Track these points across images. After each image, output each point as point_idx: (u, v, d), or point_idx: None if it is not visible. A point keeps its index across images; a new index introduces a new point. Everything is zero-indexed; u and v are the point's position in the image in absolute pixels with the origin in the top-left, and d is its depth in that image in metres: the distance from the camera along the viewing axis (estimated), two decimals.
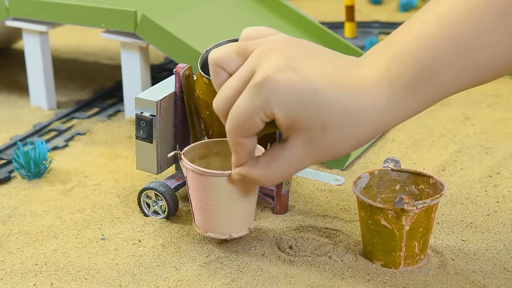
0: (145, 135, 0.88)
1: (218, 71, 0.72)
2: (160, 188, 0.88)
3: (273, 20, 1.25)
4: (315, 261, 0.81)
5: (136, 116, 0.88)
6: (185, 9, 1.18)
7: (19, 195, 0.96)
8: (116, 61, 1.46)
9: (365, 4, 1.82)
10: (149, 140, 0.88)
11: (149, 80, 1.17)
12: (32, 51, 1.20)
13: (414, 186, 0.82)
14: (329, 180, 0.86)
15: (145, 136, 0.88)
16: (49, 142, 1.11)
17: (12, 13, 1.17)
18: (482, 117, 1.15)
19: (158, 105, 0.87)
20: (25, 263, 0.82)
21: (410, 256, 0.78)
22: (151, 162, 0.89)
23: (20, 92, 1.31)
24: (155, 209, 0.90)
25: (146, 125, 0.87)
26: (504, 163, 1.01)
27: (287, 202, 0.90)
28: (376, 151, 1.06)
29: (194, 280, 0.78)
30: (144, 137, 0.88)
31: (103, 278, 0.79)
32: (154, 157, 0.89)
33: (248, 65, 0.69)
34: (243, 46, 0.71)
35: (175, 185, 0.90)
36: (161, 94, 0.88)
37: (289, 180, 0.89)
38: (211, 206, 0.82)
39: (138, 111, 0.88)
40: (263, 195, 0.89)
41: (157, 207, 0.89)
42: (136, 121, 0.88)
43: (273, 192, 0.89)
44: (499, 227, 0.86)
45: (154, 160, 0.89)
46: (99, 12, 1.10)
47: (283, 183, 0.88)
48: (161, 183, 0.89)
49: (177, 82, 0.88)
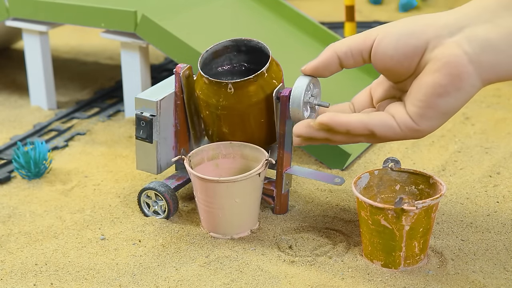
0: (145, 135, 0.88)
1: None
2: (160, 188, 0.88)
3: (273, 20, 1.25)
4: (315, 261, 0.81)
5: (136, 116, 0.88)
6: (185, 9, 1.18)
7: (19, 195, 0.96)
8: (116, 61, 1.46)
9: (365, 4, 1.82)
10: (149, 140, 0.88)
11: (149, 80, 1.17)
12: (32, 51, 1.20)
13: (414, 186, 0.82)
14: (329, 180, 0.85)
15: (145, 136, 0.88)
16: (49, 142, 1.11)
17: (12, 13, 1.17)
18: (482, 117, 1.15)
19: (158, 105, 0.87)
20: (25, 263, 0.82)
21: (410, 256, 0.78)
22: (151, 162, 0.89)
23: (20, 92, 1.31)
24: (155, 209, 0.90)
25: (146, 125, 0.87)
26: (504, 163, 1.01)
27: (287, 202, 0.90)
28: (376, 151, 1.06)
29: (194, 280, 0.78)
30: (144, 137, 0.88)
31: (103, 278, 0.79)
32: (154, 157, 0.88)
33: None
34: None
35: (175, 185, 0.90)
36: (161, 94, 0.88)
37: (289, 180, 0.89)
38: (213, 209, 0.83)
39: (138, 111, 0.88)
40: (263, 195, 0.89)
41: (157, 207, 0.89)
42: (136, 121, 0.88)
43: (273, 192, 0.89)
44: (499, 227, 0.86)
45: (154, 160, 0.89)
46: (99, 12, 1.10)
47: (284, 183, 0.88)
48: (161, 183, 0.89)
49: (177, 82, 0.88)
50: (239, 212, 0.84)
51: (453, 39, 0.68)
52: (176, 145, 0.91)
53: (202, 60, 0.86)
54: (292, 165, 0.88)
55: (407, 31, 0.70)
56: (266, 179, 0.90)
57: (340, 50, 0.74)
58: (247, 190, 0.83)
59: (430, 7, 1.78)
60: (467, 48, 0.68)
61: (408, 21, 0.72)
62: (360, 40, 0.73)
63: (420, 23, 0.71)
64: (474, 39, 0.68)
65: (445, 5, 1.79)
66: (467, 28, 0.68)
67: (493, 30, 0.68)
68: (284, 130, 0.85)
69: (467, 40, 0.68)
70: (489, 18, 0.68)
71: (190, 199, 0.93)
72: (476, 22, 0.68)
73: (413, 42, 0.70)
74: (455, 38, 0.68)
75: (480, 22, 0.68)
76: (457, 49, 0.68)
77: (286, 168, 0.87)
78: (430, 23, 0.70)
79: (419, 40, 0.70)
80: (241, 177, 0.82)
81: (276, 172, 0.88)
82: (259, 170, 0.83)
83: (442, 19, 0.70)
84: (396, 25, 0.72)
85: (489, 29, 0.68)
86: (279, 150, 0.86)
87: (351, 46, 0.74)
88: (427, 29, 0.70)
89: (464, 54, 0.68)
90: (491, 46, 0.68)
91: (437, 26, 0.70)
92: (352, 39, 0.74)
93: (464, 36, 0.68)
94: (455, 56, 0.68)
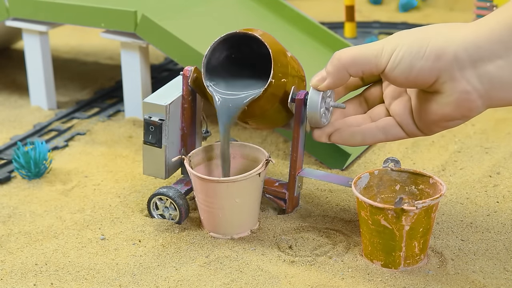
0: (154, 140, 0.86)
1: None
2: (179, 201, 0.86)
3: (273, 20, 1.25)
4: (315, 261, 0.81)
5: (145, 120, 0.86)
6: (185, 9, 1.18)
7: (19, 195, 0.96)
8: (116, 61, 1.46)
9: (365, 4, 1.82)
10: (158, 145, 0.86)
11: (149, 80, 1.16)
12: (32, 51, 1.20)
13: (414, 186, 0.82)
14: (343, 182, 0.85)
15: (154, 141, 0.86)
16: (49, 142, 1.11)
17: (12, 13, 1.17)
18: (482, 117, 1.15)
19: (167, 109, 0.86)
20: (25, 263, 0.82)
21: (410, 256, 0.78)
22: (159, 167, 0.88)
23: (20, 92, 1.31)
24: (163, 213, 0.89)
25: (155, 130, 0.86)
26: (504, 163, 1.01)
27: (298, 204, 0.90)
28: (376, 151, 1.06)
29: (194, 280, 0.78)
30: (154, 142, 0.86)
31: (103, 278, 0.79)
32: (163, 162, 0.87)
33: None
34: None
35: (184, 190, 0.88)
36: (169, 98, 0.86)
37: (301, 183, 0.88)
38: (213, 209, 0.83)
39: (147, 116, 0.86)
40: (275, 197, 0.89)
41: (166, 213, 0.88)
42: (145, 126, 0.86)
43: (285, 195, 0.88)
44: (499, 227, 0.86)
45: (162, 165, 0.87)
46: (99, 12, 1.10)
47: (296, 185, 0.88)
48: (179, 193, 0.87)
49: (184, 85, 0.87)
50: (239, 212, 0.84)
51: (464, 75, 0.68)
52: (183, 148, 0.90)
53: (204, 65, 0.83)
54: (304, 168, 0.88)
55: (418, 64, 0.70)
56: (277, 182, 0.89)
57: (351, 69, 0.74)
58: (247, 190, 0.83)
59: (430, 7, 1.78)
60: (477, 84, 0.68)
61: (418, 43, 0.70)
62: (372, 63, 0.73)
63: (430, 48, 0.69)
64: (485, 76, 0.67)
65: (445, 5, 1.79)
66: (478, 63, 0.67)
67: (506, 67, 0.66)
68: (298, 132, 0.84)
69: (478, 77, 0.67)
70: (503, 54, 0.66)
71: (190, 199, 0.93)
72: (488, 57, 0.67)
73: (423, 76, 0.70)
74: (465, 74, 0.68)
75: (493, 57, 0.67)
76: (468, 85, 0.68)
77: (299, 170, 0.87)
78: (440, 52, 0.68)
79: (430, 75, 0.69)
80: (241, 177, 0.82)
81: (289, 174, 0.87)
82: (259, 170, 0.83)
83: (452, 46, 0.68)
84: (406, 49, 0.70)
85: (502, 66, 0.67)
86: (292, 153, 0.86)
87: (364, 68, 0.73)
88: (438, 61, 0.69)
89: (474, 91, 0.68)
90: (502, 83, 0.67)
91: (448, 58, 0.68)
92: (363, 58, 0.73)
93: (475, 72, 0.67)
94: (466, 93, 0.68)
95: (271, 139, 1.10)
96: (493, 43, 0.66)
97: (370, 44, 0.73)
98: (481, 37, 0.67)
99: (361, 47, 0.74)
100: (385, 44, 0.72)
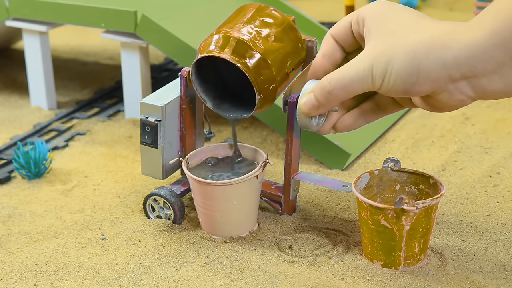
0: (150, 141, 0.87)
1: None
2: (171, 199, 0.87)
3: None
4: (315, 261, 0.81)
5: (141, 121, 0.87)
6: (185, 9, 1.18)
7: (19, 195, 0.96)
8: (116, 61, 1.46)
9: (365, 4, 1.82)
10: (154, 145, 0.87)
11: (149, 80, 1.16)
12: (32, 51, 1.20)
13: (414, 186, 0.82)
14: (337, 187, 0.85)
15: (150, 142, 0.87)
16: (49, 142, 1.11)
17: (12, 13, 1.17)
18: (482, 117, 1.15)
19: (163, 110, 0.86)
20: (25, 263, 0.82)
21: (410, 256, 0.78)
22: (157, 168, 0.88)
23: (20, 92, 1.31)
24: (159, 214, 0.89)
25: (151, 130, 0.86)
26: (504, 163, 1.01)
27: (295, 207, 0.90)
28: (376, 151, 1.06)
29: (194, 280, 0.78)
30: (149, 143, 0.87)
31: (103, 278, 0.79)
32: (160, 163, 0.87)
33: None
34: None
35: (181, 190, 0.89)
36: (166, 99, 0.87)
37: (296, 186, 0.88)
38: (211, 211, 0.83)
39: (143, 116, 0.86)
40: (271, 201, 0.89)
41: (162, 214, 0.89)
42: (141, 126, 0.87)
43: (281, 198, 0.88)
44: (499, 227, 0.86)
45: (159, 166, 0.88)
46: (99, 12, 1.10)
47: (291, 189, 0.88)
48: (172, 192, 0.87)
49: (182, 86, 0.87)
50: (238, 214, 0.84)
51: (458, 87, 0.68)
52: (182, 149, 0.90)
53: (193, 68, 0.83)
54: (299, 171, 0.88)
55: (412, 89, 0.69)
56: (274, 184, 0.89)
57: (343, 98, 0.73)
58: (245, 193, 0.83)
59: (430, 7, 1.78)
60: (471, 93, 0.69)
61: (409, 67, 0.69)
62: (365, 88, 0.71)
63: (423, 76, 0.69)
64: (479, 87, 0.68)
65: (445, 5, 1.79)
66: (472, 78, 0.67)
67: (499, 80, 0.67)
68: (292, 136, 0.84)
69: (472, 88, 0.68)
70: (495, 69, 0.67)
71: (190, 199, 0.93)
72: (482, 73, 0.67)
73: (419, 93, 0.70)
74: (459, 86, 0.68)
75: (486, 73, 0.67)
76: (461, 95, 0.69)
77: (294, 174, 0.87)
78: (434, 78, 0.68)
79: (426, 92, 0.69)
80: (239, 179, 0.81)
81: (283, 178, 0.87)
82: (256, 172, 0.82)
83: (445, 69, 0.68)
84: (397, 73, 0.69)
85: (496, 79, 0.67)
86: (286, 156, 0.85)
87: (356, 93, 0.72)
88: (432, 84, 0.68)
89: (468, 98, 0.69)
90: (496, 92, 0.68)
91: (442, 80, 0.68)
92: (355, 87, 0.71)
93: (469, 84, 0.68)
94: (460, 102, 0.70)
95: (271, 139, 1.10)
96: (487, 62, 0.67)
97: (357, 64, 0.71)
98: (476, 56, 0.67)
99: (350, 71, 0.71)
100: (374, 64, 0.70)
